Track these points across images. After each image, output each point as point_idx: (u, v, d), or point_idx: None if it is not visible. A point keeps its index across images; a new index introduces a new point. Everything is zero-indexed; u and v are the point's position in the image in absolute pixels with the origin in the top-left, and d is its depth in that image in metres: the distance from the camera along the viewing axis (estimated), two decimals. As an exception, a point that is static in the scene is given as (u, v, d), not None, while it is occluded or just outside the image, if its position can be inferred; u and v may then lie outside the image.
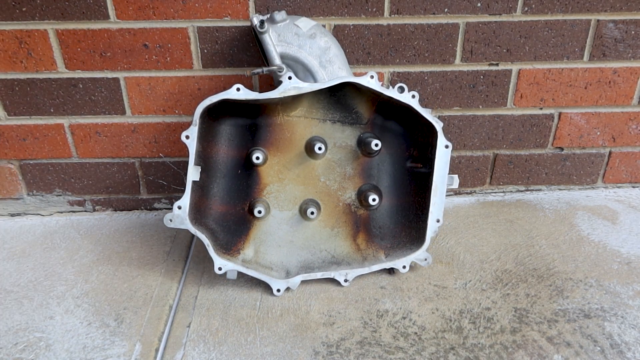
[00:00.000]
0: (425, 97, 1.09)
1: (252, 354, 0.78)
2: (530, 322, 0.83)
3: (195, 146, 0.85)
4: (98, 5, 0.97)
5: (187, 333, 0.83)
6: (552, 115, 1.13)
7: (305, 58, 0.90)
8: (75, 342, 0.81)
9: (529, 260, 0.98)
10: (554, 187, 1.21)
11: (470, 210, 1.15)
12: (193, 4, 0.98)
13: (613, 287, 0.91)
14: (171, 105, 1.07)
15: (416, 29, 1.02)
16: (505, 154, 1.17)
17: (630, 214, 1.12)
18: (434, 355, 0.77)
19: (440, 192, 0.90)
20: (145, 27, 1.00)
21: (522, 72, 1.08)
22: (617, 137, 1.16)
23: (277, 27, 0.89)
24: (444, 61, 1.06)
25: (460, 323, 0.84)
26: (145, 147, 1.12)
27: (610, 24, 1.04)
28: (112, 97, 1.06)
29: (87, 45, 1.01)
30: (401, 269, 0.93)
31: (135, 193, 1.17)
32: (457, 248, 1.02)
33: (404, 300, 0.89)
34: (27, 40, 1.00)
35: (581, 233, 1.06)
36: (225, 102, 0.86)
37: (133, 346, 0.80)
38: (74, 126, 1.09)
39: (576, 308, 0.86)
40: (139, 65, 1.03)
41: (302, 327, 0.84)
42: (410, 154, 0.96)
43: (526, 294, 0.90)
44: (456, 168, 1.18)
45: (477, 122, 1.13)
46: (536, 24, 1.03)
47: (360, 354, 0.78)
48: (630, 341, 0.79)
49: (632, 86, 1.10)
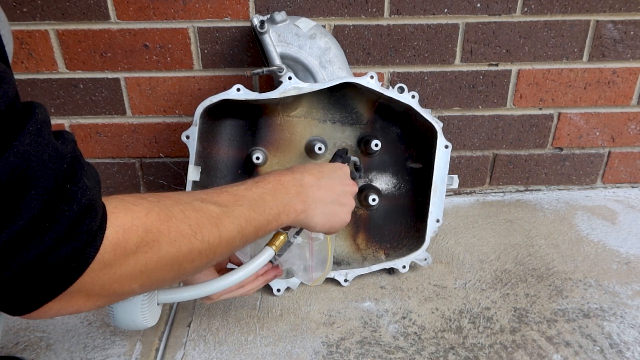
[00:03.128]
0: (425, 98, 1.09)
1: (253, 354, 0.79)
2: (530, 321, 0.84)
3: (195, 146, 0.86)
4: (98, 6, 0.98)
5: (188, 333, 0.83)
6: (551, 116, 1.13)
7: (306, 58, 0.90)
8: (76, 341, 0.82)
9: (528, 260, 0.98)
10: (554, 187, 1.22)
11: (469, 210, 1.16)
12: (193, 5, 0.98)
13: (612, 287, 0.91)
14: (171, 106, 1.08)
15: (416, 29, 1.03)
16: (504, 154, 1.17)
17: (630, 214, 1.13)
18: (434, 355, 0.78)
19: (440, 192, 0.91)
20: (145, 28, 1.00)
21: (521, 72, 1.08)
22: (616, 137, 1.16)
23: (277, 27, 0.90)
24: (444, 61, 1.06)
25: (460, 323, 0.84)
26: (146, 147, 1.12)
27: (609, 25, 1.04)
28: (113, 97, 1.06)
29: (87, 46, 1.01)
30: (401, 268, 0.93)
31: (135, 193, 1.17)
32: (457, 248, 1.03)
33: (404, 300, 0.89)
34: (27, 40, 1.00)
35: (580, 233, 1.06)
36: (225, 102, 0.86)
37: (133, 346, 0.81)
38: (75, 126, 1.09)
39: (575, 308, 0.86)
40: (140, 66, 1.03)
41: (302, 326, 0.84)
42: (410, 154, 0.96)
43: (526, 293, 0.90)
44: (456, 168, 1.18)
45: (476, 122, 1.13)
46: (535, 24, 1.03)
47: (360, 354, 0.78)
48: (629, 341, 0.80)
49: (631, 86, 1.10)
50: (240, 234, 0.55)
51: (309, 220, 0.65)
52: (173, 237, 0.47)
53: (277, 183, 0.63)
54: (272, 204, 0.60)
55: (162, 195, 0.49)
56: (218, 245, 0.52)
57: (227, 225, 0.53)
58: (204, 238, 0.50)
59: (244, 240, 0.57)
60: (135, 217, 0.44)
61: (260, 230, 0.59)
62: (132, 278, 0.45)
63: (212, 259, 0.53)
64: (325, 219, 0.67)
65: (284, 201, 0.62)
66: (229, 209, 0.55)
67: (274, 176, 0.64)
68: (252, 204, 0.58)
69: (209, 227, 0.51)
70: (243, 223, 0.55)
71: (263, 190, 0.61)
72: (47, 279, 0.39)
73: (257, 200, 0.59)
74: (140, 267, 0.44)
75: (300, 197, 0.64)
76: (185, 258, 0.49)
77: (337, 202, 0.69)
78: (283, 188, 0.63)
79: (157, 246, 0.45)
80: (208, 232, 0.51)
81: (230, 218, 0.54)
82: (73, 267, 0.40)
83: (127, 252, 0.43)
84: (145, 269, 0.45)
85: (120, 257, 0.42)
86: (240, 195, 0.58)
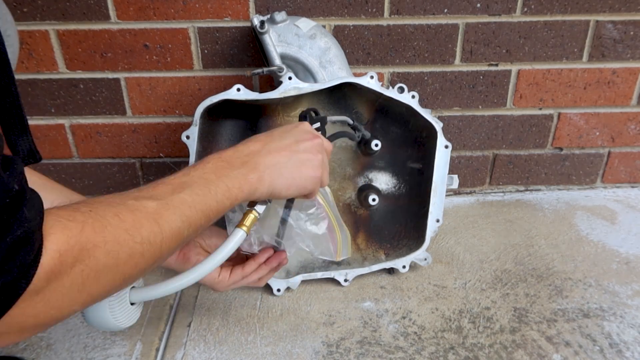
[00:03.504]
0: (425, 98, 1.09)
1: (253, 354, 0.79)
2: (530, 321, 0.84)
3: (195, 146, 0.86)
4: (99, 6, 0.98)
5: (188, 332, 0.83)
6: (551, 116, 1.13)
7: (306, 58, 0.90)
8: (76, 341, 0.82)
9: (528, 260, 0.98)
10: (554, 187, 1.22)
11: (469, 210, 1.16)
12: (193, 5, 0.98)
13: (612, 286, 0.91)
14: (172, 106, 1.08)
15: (416, 29, 1.03)
16: (504, 154, 1.17)
17: (629, 214, 1.13)
18: (434, 355, 0.78)
19: (440, 192, 0.91)
20: (145, 28, 1.00)
21: (521, 72, 1.08)
22: (616, 138, 1.16)
23: (277, 27, 0.90)
24: (444, 61, 1.06)
25: (460, 323, 0.84)
26: (146, 147, 1.12)
27: (609, 25, 1.04)
28: (113, 97, 1.06)
29: (87, 46, 1.01)
30: (401, 268, 0.93)
31: (135, 193, 1.17)
32: (457, 248, 1.03)
33: (404, 300, 0.89)
34: (28, 40, 1.00)
35: (580, 233, 1.06)
36: (225, 102, 0.86)
37: (134, 345, 0.81)
38: (75, 126, 1.09)
39: (575, 308, 0.86)
40: (140, 66, 1.04)
41: (302, 326, 0.84)
42: (410, 154, 0.96)
43: (525, 293, 0.90)
44: (456, 168, 1.18)
45: (476, 123, 1.13)
46: (535, 24, 1.04)
47: (360, 354, 0.78)
48: (629, 340, 0.80)
49: (631, 86, 1.11)
50: (186, 223, 0.52)
51: (270, 187, 0.61)
52: (109, 247, 0.44)
53: (217, 161, 0.59)
54: (217, 182, 0.56)
55: (95, 202, 0.47)
56: (162, 242, 0.49)
57: (167, 218, 0.50)
58: (144, 239, 0.47)
59: (194, 229, 0.53)
60: (70, 236, 0.41)
61: (211, 213, 0.55)
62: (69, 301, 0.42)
63: (158, 257, 0.50)
64: (289, 182, 0.63)
65: (230, 175, 0.58)
66: (167, 200, 0.51)
67: (213, 156, 0.60)
68: (194, 188, 0.54)
69: (148, 225, 0.48)
70: (187, 211, 0.52)
71: (202, 171, 0.57)
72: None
73: (198, 182, 0.55)
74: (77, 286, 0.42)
75: (249, 166, 0.60)
76: (126, 265, 0.46)
77: (298, 160, 0.64)
78: (225, 164, 0.59)
79: (94, 261, 0.43)
80: (147, 231, 0.48)
81: (170, 210, 0.51)
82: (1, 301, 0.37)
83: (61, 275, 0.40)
84: (82, 287, 0.42)
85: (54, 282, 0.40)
86: (178, 183, 0.54)
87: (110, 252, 0.44)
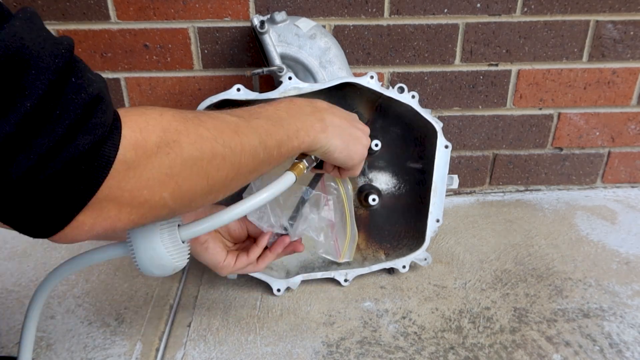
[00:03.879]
0: (425, 98, 1.09)
1: (253, 354, 0.79)
2: (530, 321, 0.84)
3: (195, 146, 0.85)
4: (99, 6, 0.98)
5: (188, 332, 0.83)
6: (551, 116, 1.13)
7: (306, 58, 0.90)
8: (76, 341, 0.82)
9: (528, 260, 0.98)
10: (554, 187, 1.22)
11: (469, 210, 1.16)
12: (193, 5, 0.98)
13: (612, 286, 0.91)
14: (172, 106, 1.08)
15: (416, 29, 1.03)
16: (504, 154, 1.17)
17: (629, 214, 1.13)
18: (434, 355, 0.78)
19: (440, 192, 0.91)
20: (145, 28, 1.00)
21: (521, 72, 1.08)
22: (616, 138, 1.16)
23: (277, 27, 0.90)
24: (444, 61, 1.06)
25: (460, 323, 0.84)
26: (146, 147, 1.12)
27: (609, 25, 1.04)
28: (113, 97, 1.06)
29: (88, 46, 1.01)
30: (401, 268, 0.93)
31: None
32: (457, 248, 1.03)
33: (404, 299, 0.89)
34: (28, 40, 1.00)
35: (580, 233, 1.06)
36: (225, 102, 0.86)
37: (134, 345, 0.81)
38: (75, 126, 1.09)
39: (575, 308, 0.86)
40: (140, 66, 1.04)
41: (302, 326, 0.84)
42: (410, 154, 0.96)
43: (525, 293, 0.90)
44: (456, 168, 1.18)
45: (476, 122, 1.13)
46: (535, 24, 1.04)
47: (360, 354, 0.78)
48: (629, 340, 0.80)
49: (631, 86, 1.11)
50: (262, 145, 0.52)
51: (328, 144, 0.62)
52: (193, 138, 0.43)
53: (290, 103, 0.61)
54: (289, 120, 0.57)
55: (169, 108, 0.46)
56: (241, 153, 0.48)
57: (247, 134, 0.49)
58: (225, 143, 0.46)
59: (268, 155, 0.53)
60: (149, 118, 0.41)
61: (283, 146, 0.55)
62: (159, 183, 0.41)
63: (237, 169, 0.49)
64: (343, 146, 0.64)
65: (301, 118, 0.59)
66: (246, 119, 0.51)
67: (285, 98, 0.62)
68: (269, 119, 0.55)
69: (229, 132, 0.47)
70: (263, 135, 0.52)
71: (277, 108, 0.58)
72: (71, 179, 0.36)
73: (273, 116, 0.56)
74: (165, 169, 0.41)
75: (317, 116, 0.62)
76: (210, 163, 0.45)
77: (354, 133, 0.66)
78: (297, 107, 0.61)
79: (178, 146, 0.42)
80: (228, 138, 0.47)
81: (249, 128, 0.50)
82: (95, 167, 0.37)
83: (148, 152, 0.40)
84: (170, 171, 0.42)
85: (142, 157, 0.40)
86: (255, 111, 0.55)
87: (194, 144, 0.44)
